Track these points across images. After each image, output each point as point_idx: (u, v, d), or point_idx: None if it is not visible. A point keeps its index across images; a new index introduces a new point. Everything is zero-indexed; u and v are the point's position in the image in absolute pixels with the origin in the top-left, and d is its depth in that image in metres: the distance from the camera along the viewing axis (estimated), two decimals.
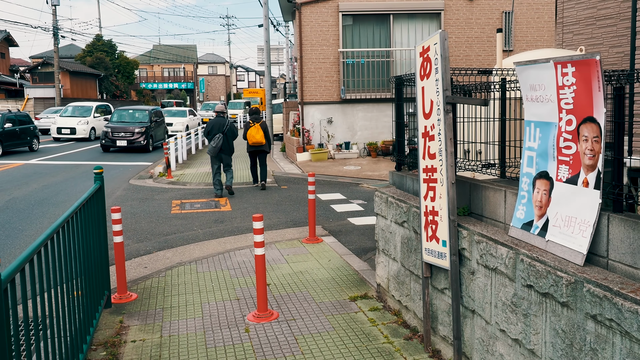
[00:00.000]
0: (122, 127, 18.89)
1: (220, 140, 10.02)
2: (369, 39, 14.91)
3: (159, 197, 10.47)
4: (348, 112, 15.02)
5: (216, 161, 10.23)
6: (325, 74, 14.83)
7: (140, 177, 13.57)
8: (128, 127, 18.88)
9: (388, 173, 10.21)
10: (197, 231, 7.79)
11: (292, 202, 9.69)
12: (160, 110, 21.54)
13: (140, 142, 18.75)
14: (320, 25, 14.72)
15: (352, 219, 8.36)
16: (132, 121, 19.60)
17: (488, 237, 3.13)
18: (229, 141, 10.24)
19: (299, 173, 13.23)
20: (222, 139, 10.04)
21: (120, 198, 10.38)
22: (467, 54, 14.90)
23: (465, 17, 14.81)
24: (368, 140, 15.05)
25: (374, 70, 14.76)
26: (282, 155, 17.51)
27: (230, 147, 10.31)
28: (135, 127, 18.86)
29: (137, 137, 18.75)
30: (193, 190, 11.11)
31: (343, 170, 13.19)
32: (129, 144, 18.67)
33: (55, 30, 36.47)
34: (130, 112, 20.16)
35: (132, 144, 18.69)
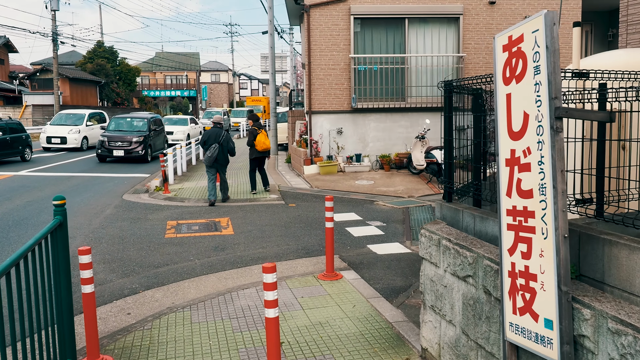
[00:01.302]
0: (119, 136, 17.85)
1: (216, 150, 10.12)
2: (382, 44, 13.88)
3: (153, 216, 9.39)
4: (359, 122, 13.96)
5: (212, 171, 10.36)
6: (335, 81, 13.79)
7: (135, 191, 12.51)
8: (125, 136, 17.84)
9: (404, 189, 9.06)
10: (193, 262, 6.70)
11: (303, 224, 8.60)
12: (160, 119, 20.56)
13: (138, 152, 17.70)
14: (330, 29, 13.69)
15: (373, 247, 7.26)
16: (130, 130, 18.57)
17: (637, 327, 2.03)
18: (224, 151, 10.34)
19: (308, 188, 12.14)
20: (217, 149, 10.14)
21: (110, 218, 9.30)
22: (487, 62, 13.85)
23: (485, 22, 13.78)
24: (380, 153, 13.97)
25: (387, 78, 13.71)
26: (287, 167, 16.43)
27: (226, 158, 10.43)
28: (133, 136, 17.83)
29: (135, 146, 17.70)
30: (191, 209, 10.02)
31: (355, 185, 12.11)
32: (127, 154, 17.61)
33: (55, 36, 35.58)
34: (128, 121, 19.16)
35: (129, 154, 17.63)
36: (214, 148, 10.14)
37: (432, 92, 13.76)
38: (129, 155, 17.63)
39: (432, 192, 11.39)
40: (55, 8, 35.58)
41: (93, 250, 7.25)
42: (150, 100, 55.78)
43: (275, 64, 20.97)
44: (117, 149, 17.56)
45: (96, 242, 7.65)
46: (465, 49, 13.76)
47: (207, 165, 10.31)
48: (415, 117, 13.95)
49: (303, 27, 14.90)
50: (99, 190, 12.56)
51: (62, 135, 21.13)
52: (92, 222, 8.96)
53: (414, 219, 8.95)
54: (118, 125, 18.92)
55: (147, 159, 18.07)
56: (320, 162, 13.59)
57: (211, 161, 10.18)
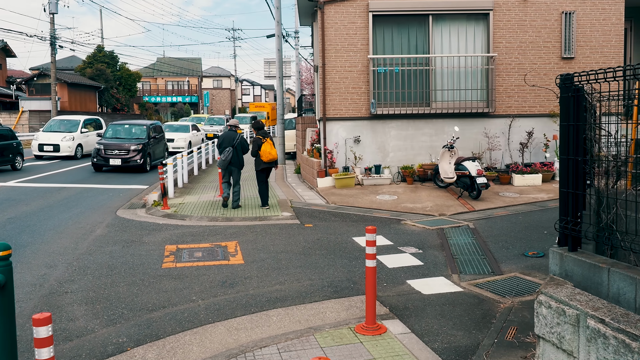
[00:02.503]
0: (116, 144, 16.68)
1: (230, 154, 10.17)
2: (404, 44, 12.64)
3: (149, 238, 8.11)
4: (378, 129, 12.70)
5: (226, 174, 10.48)
6: (351, 85, 12.53)
7: (131, 205, 11.26)
8: (123, 144, 16.68)
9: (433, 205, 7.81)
10: (196, 303, 5.42)
11: (324, 251, 7.31)
12: (160, 125, 19.37)
13: (137, 161, 16.52)
14: (347, 27, 12.46)
15: (415, 283, 5.97)
16: (128, 137, 17.39)
17: None
18: (239, 155, 10.35)
19: (323, 204, 10.86)
20: (231, 153, 10.18)
21: (100, 240, 8.02)
22: (519, 62, 12.59)
23: (518, 18, 12.53)
24: (402, 163, 12.70)
25: (409, 81, 12.46)
26: (297, 179, 15.15)
27: (240, 161, 10.42)
28: (131, 144, 16.67)
29: (133, 155, 16.54)
30: (193, 229, 8.74)
31: (376, 201, 10.83)
32: (124, 163, 16.45)
33: (53, 40, 34.44)
34: (126, 128, 17.96)
35: (127, 163, 16.47)
36: (228, 151, 10.20)
37: (459, 96, 12.49)
38: (126, 164, 16.47)
39: (465, 209, 10.10)
40: (54, 11, 34.47)
41: (75, 284, 5.99)
42: (151, 106, 54.62)
43: (282, 68, 19.75)
44: (114, 158, 16.43)
45: (80, 273, 6.37)
46: (496, 49, 12.51)
47: (222, 169, 10.38)
48: (440, 124, 12.68)
49: (316, 26, 13.66)
50: (91, 204, 11.31)
51: (54, 142, 19.86)
52: (79, 246, 7.69)
53: (454, 244, 7.66)
54: (115, 133, 17.77)
55: (146, 169, 16.91)
56: (336, 174, 12.31)
57: (225, 164, 10.26)
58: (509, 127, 12.65)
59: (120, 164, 16.42)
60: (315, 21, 13.64)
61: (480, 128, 12.66)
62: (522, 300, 5.34)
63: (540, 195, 11.00)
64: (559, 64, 12.63)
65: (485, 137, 12.58)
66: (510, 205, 10.33)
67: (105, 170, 16.87)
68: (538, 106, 12.70)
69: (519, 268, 6.46)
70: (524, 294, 5.54)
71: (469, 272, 6.35)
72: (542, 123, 12.71)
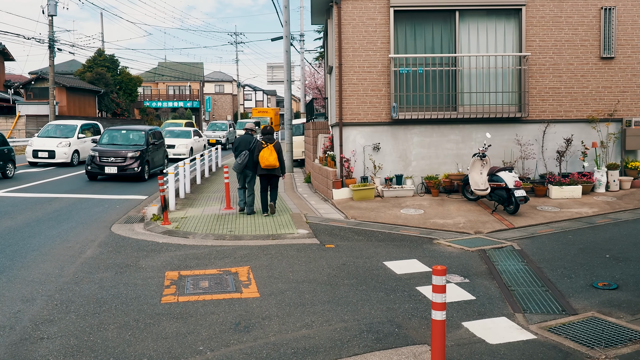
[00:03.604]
0: (112, 151, 15.53)
1: (246, 158, 10.11)
2: (428, 42, 11.54)
3: (146, 262, 6.98)
4: (400, 136, 11.59)
5: (241, 177, 10.35)
6: (371, 87, 11.43)
7: (128, 219, 10.16)
8: (120, 151, 15.53)
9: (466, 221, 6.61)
10: (204, 356, 4.28)
11: (354, 280, 6.18)
12: (160, 131, 18.15)
13: (134, 169, 15.40)
14: (366, 24, 11.37)
15: (473, 326, 4.83)
16: (125, 144, 16.22)
17: None
18: (255, 158, 10.09)
19: (342, 220, 9.73)
20: (247, 156, 10.12)
21: (89, 264, 6.89)
22: (554, 62, 11.49)
23: (552, 14, 11.44)
24: (425, 173, 11.58)
25: (433, 83, 11.36)
26: (308, 189, 14.03)
27: (256, 164, 10.15)
28: (128, 151, 15.54)
29: (130, 163, 15.41)
30: (198, 250, 7.61)
31: (401, 216, 9.71)
32: (120, 171, 15.32)
33: (51, 42, 33.46)
34: (123, 133, 16.78)
35: (123, 171, 15.35)
36: (244, 155, 10.10)
37: (489, 99, 11.39)
38: (123, 172, 15.34)
39: (502, 226, 8.97)
40: (53, 13, 33.51)
41: (54, 326, 4.87)
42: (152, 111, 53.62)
43: (290, 71, 18.68)
44: (110, 166, 15.29)
45: (62, 310, 5.25)
46: (529, 48, 11.42)
47: (237, 172, 10.24)
48: (467, 130, 11.57)
49: (330, 24, 12.58)
50: (84, 217, 10.20)
51: (50, 148, 18.72)
52: (65, 271, 6.57)
53: (504, 271, 6.52)
54: (112, 139, 16.61)
55: (144, 177, 15.79)
56: (354, 184, 11.19)
57: (241, 168, 10.13)
58: (543, 134, 11.53)
59: (116, 172, 15.28)
60: (330, 18, 12.56)
61: (511, 134, 11.54)
62: (619, 353, 4.21)
63: (583, 210, 9.87)
64: (598, 65, 11.53)
65: (517, 145, 11.47)
66: (553, 222, 9.20)
67: (101, 179, 15.75)
68: (575, 110, 11.59)
69: (594, 305, 5.33)
70: (616, 343, 4.41)
71: (534, 311, 5.22)
72: (579, 129, 11.60)
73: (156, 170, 16.85)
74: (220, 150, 21.42)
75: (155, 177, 16.27)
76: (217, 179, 16.89)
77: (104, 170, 15.29)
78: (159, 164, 17.31)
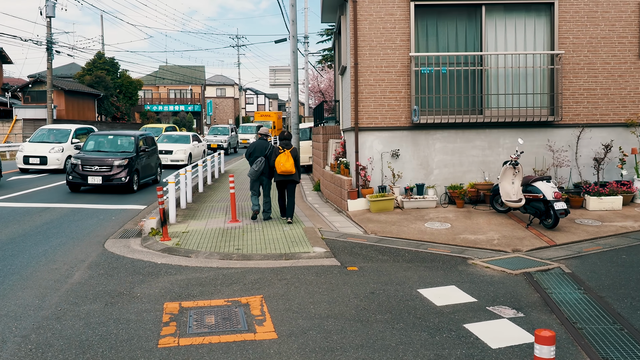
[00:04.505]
0: (96, 159, 13.98)
1: (262, 164, 9.82)
2: (451, 39, 10.61)
3: (142, 290, 6.02)
4: (421, 141, 10.63)
5: (256, 184, 10.03)
6: (389, 88, 10.49)
7: (124, 233, 9.22)
8: (105, 159, 13.95)
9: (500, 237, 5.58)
10: None
11: (387, 313, 5.20)
12: (152, 137, 16.54)
13: (121, 179, 13.82)
14: (384, 20, 10.44)
15: None
16: (112, 150, 14.77)
17: None
18: (271, 165, 9.85)
19: (361, 235, 8.77)
20: (264, 163, 9.83)
21: (75, 292, 5.93)
22: (589, 61, 10.55)
23: (587, 9, 10.51)
24: (449, 182, 10.62)
25: (458, 84, 10.42)
26: (319, 198, 13.07)
27: (272, 170, 9.93)
28: (114, 159, 13.96)
29: (117, 172, 13.83)
30: (201, 273, 6.65)
31: (426, 231, 8.74)
32: (105, 182, 13.74)
33: (49, 44, 32.57)
34: (110, 139, 15.29)
35: (109, 182, 13.77)
36: (260, 161, 9.80)
37: (518, 101, 10.44)
38: (108, 182, 13.78)
39: (542, 242, 8.00)
40: (51, 14, 32.65)
41: None
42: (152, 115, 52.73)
43: (297, 73, 17.74)
44: (93, 175, 13.73)
45: (36, 358, 4.28)
46: (562, 45, 10.47)
47: (253, 179, 9.93)
48: (494, 135, 10.62)
49: (344, 21, 11.66)
50: (76, 231, 9.26)
51: (41, 154, 17.71)
52: (46, 302, 5.61)
53: (561, 302, 5.55)
54: (97, 145, 15.13)
55: (133, 188, 14.20)
56: (371, 195, 10.23)
57: (257, 174, 9.83)
58: (577, 139, 10.57)
59: (100, 182, 13.71)
60: (343, 14, 11.64)
61: (542, 140, 10.59)
62: None
63: (628, 224, 8.91)
64: (637, 64, 10.59)
65: (549, 151, 10.51)
66: (598, 238, 8.23)
67: (84, 190, 14.32)
68: (612, 114, 10.63)
69: None
70: None
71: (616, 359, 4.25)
72: (617, 134, 10.64)
73: (148, 179, 15.49)
74: (223, 155, 20.47)
75: (146, 187, 15.15)
76: (221, 187, 15.94)
77: (87, 181, 13.74)
78: (151, 172, 15.85)
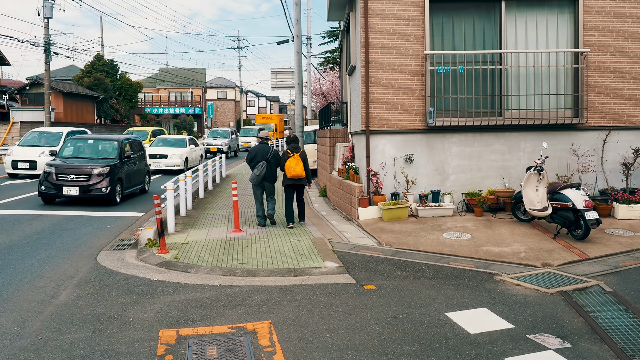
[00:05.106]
0: (73, 166, 12.15)
1: (264, 169, 9.55)
2: (468, 37, 9.97)
3: (135, 313, 5.35)
4: (436, 145, 9.98)
5: (259, 189, 9.81)
6: (402, 89, 9.85)
7: (119, 244, 8.58)
8: (84, 166, 12.10)
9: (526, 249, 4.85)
10: None
11: (415, 343, 4.53)
12: (139, 141, 14.80)
13: (101, 189, 11.93)
14: (396, 16, 9.80)
15: None
16: (92, 157, 13.01)
17: None
18: (273, 169, 9.74)
19: (375, 247, 8.10)
20: (265, 167, 9.57)
21: (59, 316, 5.26)
22: (616, 59, 9.90)
23: (614, 4, 9.86)
24: (466, 189, 9.96)
25: (476, 84, 9.77)
26: (325, 205, 12.41)
27: (274, 175, 9.79)
28: (94, 167, 12.09)
29: (97, 181, 11.94)
30: (202, 293, 5.98)
31: (445, 242, 8.07)
32: (83, 193, 11.89)
33: (47, 46, 31.99)
34: (91, 144, 13.54)
35: (87, 193, 11.91)
36: (261, 166, 9.54)
37: (540, 102, 9.78)
38: (86, 194, 11.93)
39: (574, 255, 7.33)
40: (49, 15, 32.06)
41: None
42: (153, 117, 52.11)
43: (302, 74, 17.11)
44: (69, 185, 11.85)
45: None
46: (587, 43, 9.82)
47: (255, 185, 9.73)
48: (514, 139, 9.97)
49: (354, 17, 11.02)
50: (67, 242, 8.61)
51: (31, 159, 16.82)
52: (26, 328, 4.95)
53: (610, 328, 4.88)
54: (76, 150, 13.38)
55: (115, 201, 12.34)
56: (383, 202, 9.57)
57: (259, 179, 9.62)
58: (603, 142, 9.92)
59: (77, 193, 11.87)
60: (352, 11, 11.00)
61: (565, 144, 9.94)
62: None
63: None
64: None
65: (574, 155, 9.85)
66: (634, 250, 7.57)
67: (60, 202, 12.44)
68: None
69: None
70: None
71: None
72: None
73: (134, 189, 13.85)
74: (224, 159, 19.78)
75: (133, 197, 13.78)
76: (222, 192, 15.29)
77: (62, 192, 11.86)
78: (138, 182, 14.04)
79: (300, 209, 9.85)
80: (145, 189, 14.68)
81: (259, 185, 9.74)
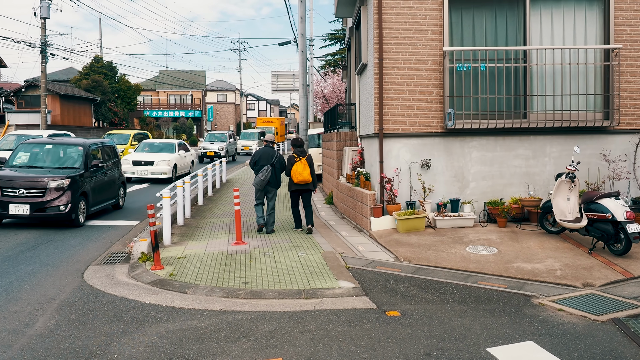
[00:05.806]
0: (24, 178, 9.79)
1: (269, 173, 9.25)
2: (490, 32, 9.21)
3: (120, 348, 4.56)
4: (455, 150, 9.21)
5: (262, 194, 9.54)
6: (419, 88, 9.08)
7: (110, 257, 7.82)
8: (38, 178, 9.74)
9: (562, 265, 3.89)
10: None
11: None
12: (112, 146, 12.41)
13: (59, 207, 9.60)
14: (413, 10, 9.05)
15: None
16: (49, 166, 10.54)
17: None
18: (277, 174, 9.46)
19: (392, 262, 7.31)
20: (270, 172, 9.27)
21: (31, 351, 4.47)
22: None
23: None
24: (487, 197, 9.18)
25: (499, 83, 9.01)
26: (333, 213, 11.63)
27: (278, 180, 9.51)
28: (50, 178, 9.72)
29: (54, 197, 9.60)
30: (200, 321, 5.18)
31: (470, 258, 7.28)
32: (35, 212, 9.54)
33: (44, 47, 31.26)
34: (49, 149, 10.97)
35: (41, 212, 9.58)
36: (266, 170, 9.24)
37: (569, 103, 9.01)
38: (39, 213, 9.57)
39: (617, 274, 6.54)
40: (45, 15, 31.34)
41: None
42: (152, 120, 51.36)
43: (306, 74, 16.36)
44: (18, 203, 9.51)
45: None
46: (618, 39, 9.06)
47: (258, 189, 9.43)
48: (539, 143, 9.20)
49: (365, 12, 10.26)
50: (53, 255, 7.85)
51: None
52: None
53: None
54: (32, 158, 10.84)
55: (78, 222, 10.01)
56: (398, 212, 8.78)
57: (263, 184, 9.29)
58: (636, 147, 9.15)
59: (27, 213, 9.49)
60: (364, 4, 10.24)
61: (595, 148, 9.17)
62: None
63: None
64: None
65: (604, 161, 9.08)
66: None
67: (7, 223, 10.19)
68: None
69: None
70: None
71: None
72: None
73: (105, 205, 11.47)
74: (225, 164, 18.95)
75: (105, 214, 11.53)
76: (223, 198, 14.52)
77: (8, 210, 9.52)
78: (109, 196, 11.61)
79: (309, 215, 9.38)
80: (120, 204, 12.35)
81: (263, 190, 9.50)
